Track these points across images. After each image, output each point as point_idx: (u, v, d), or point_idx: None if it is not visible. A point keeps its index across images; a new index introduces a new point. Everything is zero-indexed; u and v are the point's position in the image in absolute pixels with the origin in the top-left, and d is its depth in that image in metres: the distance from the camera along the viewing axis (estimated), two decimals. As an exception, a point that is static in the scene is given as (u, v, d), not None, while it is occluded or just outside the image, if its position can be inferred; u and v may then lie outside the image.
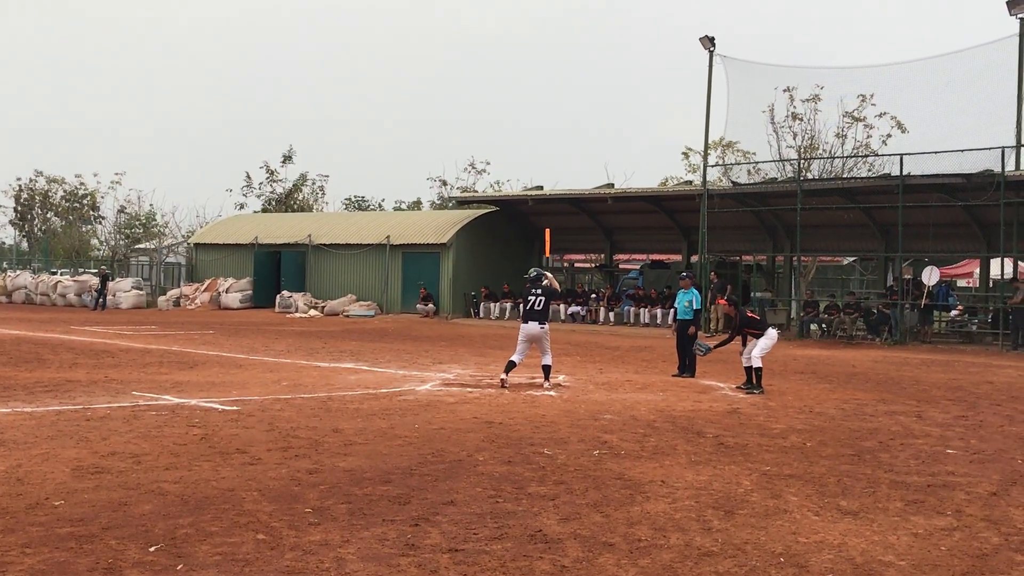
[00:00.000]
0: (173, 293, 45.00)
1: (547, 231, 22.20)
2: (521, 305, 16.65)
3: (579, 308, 37.27)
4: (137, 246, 59.02)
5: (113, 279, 45.50)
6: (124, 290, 44.24)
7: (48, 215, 63.23)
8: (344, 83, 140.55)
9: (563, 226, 43.02)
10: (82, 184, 62.01)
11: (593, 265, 50.06)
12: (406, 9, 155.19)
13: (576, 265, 51.88)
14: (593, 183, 44.46)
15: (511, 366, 16.05)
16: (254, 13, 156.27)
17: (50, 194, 62.61)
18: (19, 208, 62.60)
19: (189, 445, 9.96)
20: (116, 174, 61.50)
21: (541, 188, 43.63)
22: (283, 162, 60.79)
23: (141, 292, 45.25)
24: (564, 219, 42.25)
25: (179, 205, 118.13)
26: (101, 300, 41.78)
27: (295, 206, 60.52)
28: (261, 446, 10.01)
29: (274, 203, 60.75)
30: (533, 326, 15.98)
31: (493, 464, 9.43)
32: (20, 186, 62.19)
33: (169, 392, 13.99)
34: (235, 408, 12.64)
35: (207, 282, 44.71)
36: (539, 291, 16.10)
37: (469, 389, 15.39)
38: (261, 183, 61.15)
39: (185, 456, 9.39)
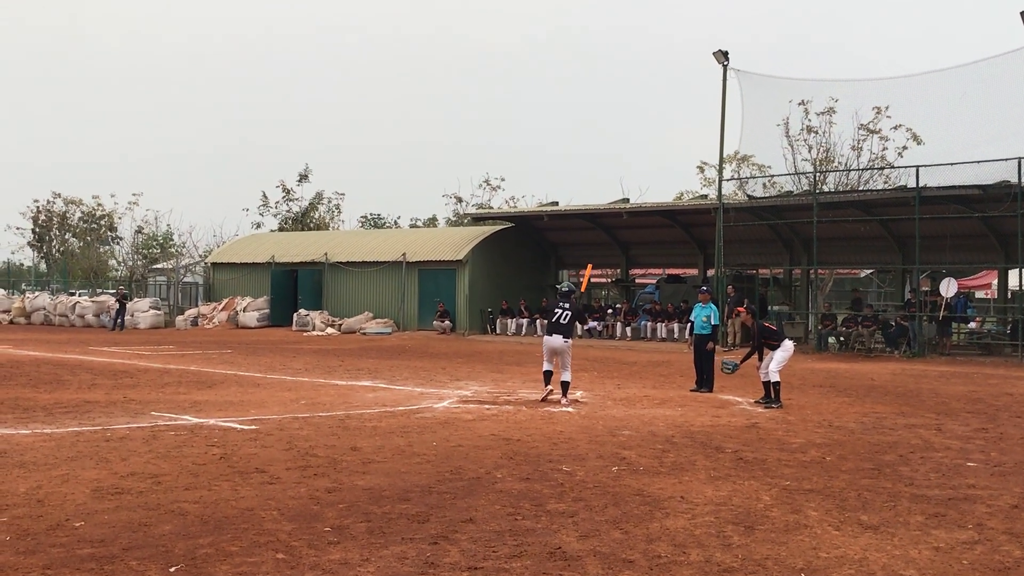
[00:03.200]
0: (191, 313, 45.14)
1: (589, 267, 22.39)
2: (546, 318, 16.59)
3: (596, 323, 37.22)
4: (155, 266, 59.24)
5: (131, 299, 45.68)
6: (142, 310, 44.42)
7: (66, 236, 63.54)
8: (359, 102, 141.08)
9: (578, 241, 43.12)
10: (99, 205, 62.36)
11: (609, 280, 50.02)
12: (421, 27, 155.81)
13: (592, 280, 51.85)
14: (608, 198, 44.44)
15: (549, 376, 16.16)
16: (270, 33, 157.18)
17: (68, 215, 62.93)
18: (37, 230, 62.92)
19: (208, 465, 9.99)
20: (133, 195, 62.06)
21: (556, 204, 43.64)
22: (299, 181, 61.06)
23: (159, 312, 45.43)
24: (579, 234, 42.30)
25: (196, 225, 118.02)
26: (120, 320, 41.95)
27: (311, 224, 60.71)
28: (280, 465, 10.03)
29: (290, 222, 60.95)
30: (557, 339, 15.98)
31: (512, 481, 9.42)
32: (38, 208, 62.57)
33: (188, 412, 14.03)
34: (254, 427, 12.66)
35: (225, 301, 44.84)
36: (567, 305, 16.16)
37: (487, 406, 15.39)
38: (277, 202, 61.42)
39: (204, 476, 9.41)
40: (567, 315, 16.07)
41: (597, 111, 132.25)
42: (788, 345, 16.22)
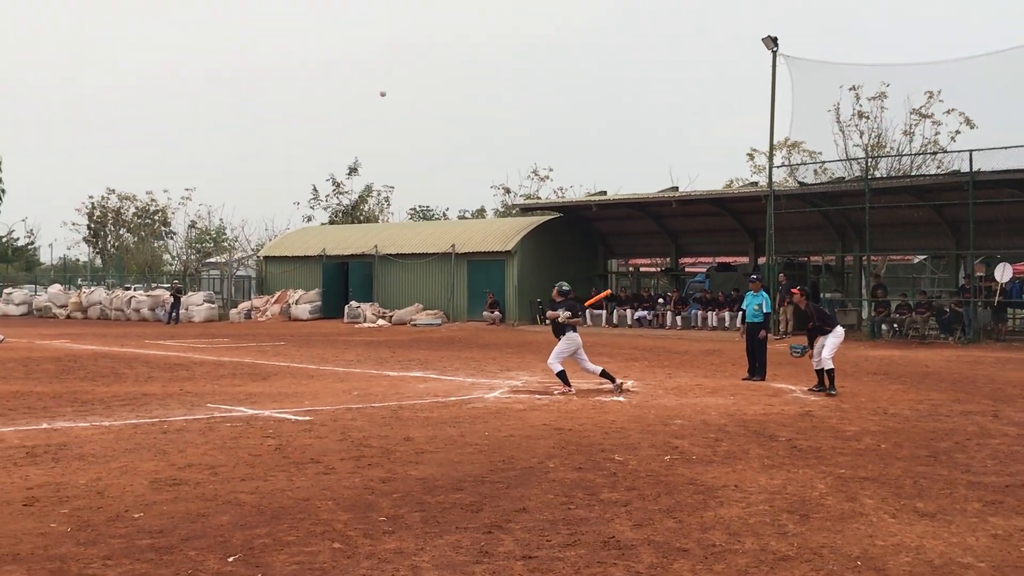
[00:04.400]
0: (244, 306, 45.59)
1: (607, 292, 22.66)
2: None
3: (646, 313, 37.12)
4: (208, 260, 59.87)
5: (185, 293, 46.20)
6: (196, 304, 44.91)
7: (121, 232, 64.31)
8: (407, 94, 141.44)
9: (627, 231, 42.99)
10: (153, 200, 63.08)
11: (659, 269, 49.84)
12: (467, 17, 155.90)
13: (642, 270, 51.71)
14: (657, 187, 44.27)
15: (563, 375, 16.04)
16: (318, 25, 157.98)
17: (122, 211, 63.69)
18: (92, 225, 63.72)
19: (264, 456, 10.10)
20: (186, 190, 62.72)
21: (604, 193, 43.51)
22: (349, 174, 61.43)
23: (213, 305, 45.90)
24: (628, 223, 42.16)
25: (248, 219, 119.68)
26: (174, 314, 42.45)
27: (361, 217, 61.06)
28: (334, 456, 10.13)
29: (341, 215, 61.34)
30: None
31: (564, 471, 9.44)
32: (93, 204, 63.36)
33: (243, 404, 14.19)
34: (308, 418, 12.79)
35: (277, 294, 45.23)
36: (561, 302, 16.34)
37: (538, 396, 15.41)
38: (328, 195, 61.87)
39: (260, 467, 9.52)
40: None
41: (644, 99, 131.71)
42: (839, 331, 16.09)
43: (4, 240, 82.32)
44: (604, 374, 16.07)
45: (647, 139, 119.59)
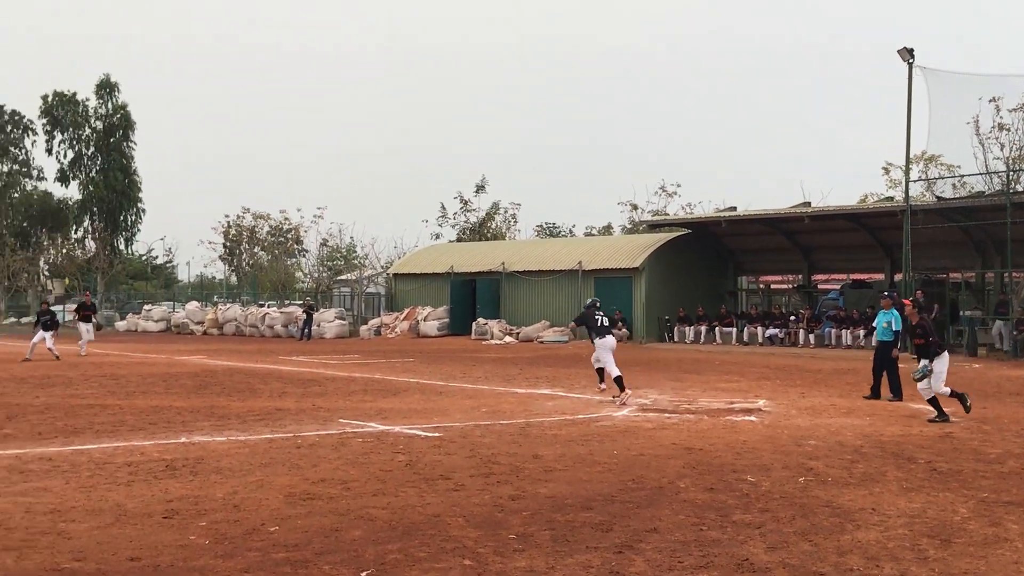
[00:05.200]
0: (374, 322, 46.30)
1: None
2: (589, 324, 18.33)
3: (777, 331, 36.49)
4: (339, 277, 60.95)
5: (317, 310, 47.12)
6: (328, 320, 45.80)
7: (255, 250, 65.91)
8: (534, 111, 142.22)
9: (758, 247, 42.36)
10: (286, 219, 64.49)
11: (791, 286, 48.94)
12: (589, 33, 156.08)
13: (772, 287, 50.87)
14: (787, 203, 43.54)
15: (620, 380, 17.14)
16: (446, 44, 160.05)
17: (256, 230, 65.31)
18: (228, 244, 65.44)
19: (395, 471, 10.20)
20: (318, 208, 64.07)
21: (734, 209, 42.96)
22: (476, 192, 62.04)
23: (344, 322, 46.75)
24: (758, 240, 41.55)
25: (378, 237, 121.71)
26: (307, 331, 43.34)
27: (488, 235, 61.49)
28: (464, 472, 10.17)
29: (468, 232, 61.89)
30: (611, 339, 17.81)
31: (695, 491, 9.30)
32: (228, 223, 65.12)
33: (374, 419, 14.37)
34: (437, 435, 12.88)
35: (406, 311, 45.82)
36: (602, 312, 18.38)
37: (667, 415, 15.25)
38: (455, 213, 62.55)
39: (391, 482, 9.61)
40: (606, 319, 18.36)
41: (773, 112, 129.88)
42: (946, 356, 15.07)
43: (144, 258, 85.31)
44: (610, 379, 17.40)
45: (777, 154, 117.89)
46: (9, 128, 75.34)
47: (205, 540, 7.42)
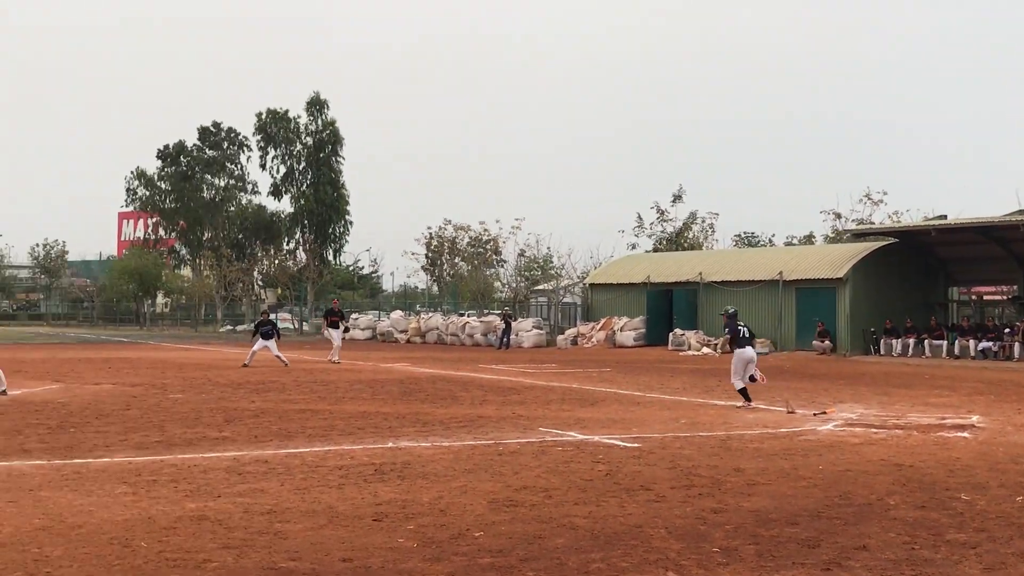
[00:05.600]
0: (571, 332, 46.53)
1: None
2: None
3: (990, 344, 34.87)
4: (536, 287, 61.50)
5: (516, 319, 47.69)
6: (525, 330, 46.30)
7: (455, 260, 67.20)
8: (733, 119, 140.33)
9: (970, 256, 40.58)
10: (485, 230, 65.51)
11: (1005, 297, 46.65)
12: (793, 39, 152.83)
13: (985, 298, 48.58)
14: (1002, 210, 41.55)
15: (744, 392, 17.95)
16: (634, 52, 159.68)
17: (457, 241, 66.57)
18: (430, 255, 66.94)
19: (595, 481, 10.25)
20: (516, 219, 64.49)
21: (944, 217, 41.29)
22: (673, 202, 61.52)
23: (541, 331, 47.14)
24: (970, 249, 39.78)
25: (574, 247, 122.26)
26: (506, 340, 43.94)
27: (685, 244, 60.94)
28: (664, 483, 10.13)
29: (664, 242, 61.49)
30: (750, 351, 18.39)
31: (905, 509, 9.01)
32: (431, 234, 66.64)
33: (573, 428, 14.46)
34: (636, 445, 12.86)
35: (602, 321, 45.85)
36: (743, 324, 18.83)
37: (874, 430, 14.79)
38: (652, 223, 62.19)
39: (592, 491, 9.66)
40: (748, 331, 18.76)
41: (988, 117, 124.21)
42: None
43: (351, 269, 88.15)
44: (742, 392, 17.99)
45: (989, 161, 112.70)
46: (226, 145, 79.12)
47: (413, 543, 7.63)
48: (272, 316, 31.77)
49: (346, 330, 34.36)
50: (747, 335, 18.56)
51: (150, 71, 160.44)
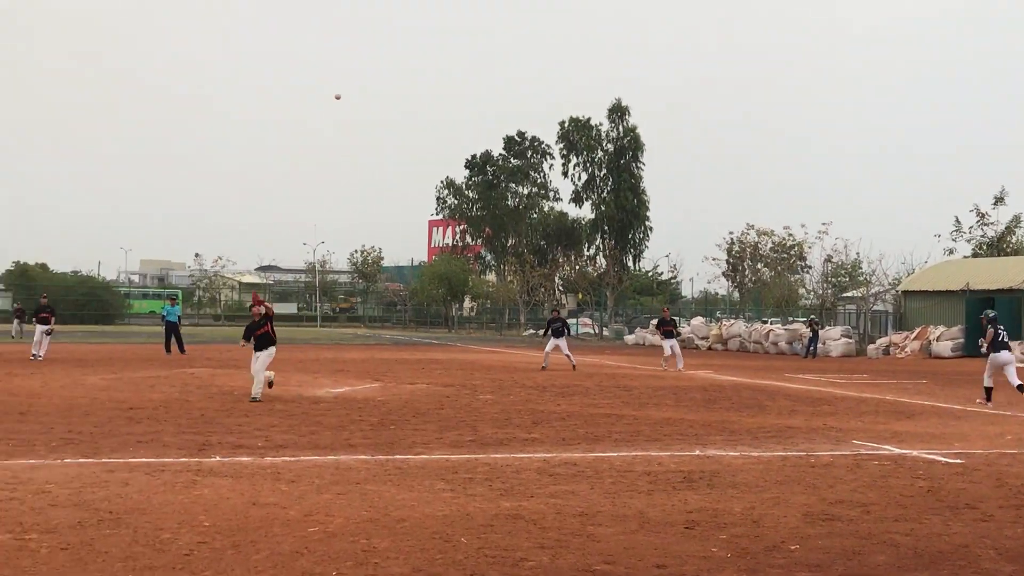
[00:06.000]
0: (882, 341, 44.73)
1: None
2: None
3: None
4: (844, 294, 59.55)
5: (822, 327, 46.35)
6: (833, 338, 44.92)
7: (758, 266, 66.09)
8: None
9: None
10: (790, 235, 64.12)
11: None
12: None
13: None
14: None
15: (988, 391, 19.29)
16: (976, 56, 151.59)
17: (759, 246, 65.45)
18: (731, 260, 66.17)
19: (915, 497, 9.81)
20: (823, 224, 62.64)
21: None
22: (994, 204, 57.98)
23: (850, 340, 45.60)
24: None
25: (885, 253, 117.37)
26: (812, 348, 42.76)
27: (1008, 250, 57.28)
28: (991, 502, 9.56)
29: (985, 247, 58.05)
30: (1006, 354, 19.04)
31: None
32: (732, 239, 65.83)
33: (888, 442, 13.89)
34: (959, 461, 12.22)
35: (916, 330, 43.80)
36: (1003, 328, 19.32)
37: None
38: (971, 227, 58.85)
39: (913, 508, 9.25)
40: (1006, 335, 19.39)
41: None
42: None
43: (650, 275, 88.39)
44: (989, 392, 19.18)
45: None
46: (530, 154, 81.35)
47: (727, 553, 7.55)
48: (573, 320, 32.35)
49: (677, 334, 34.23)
50: (1004, 339, 19.23)
51: (459, 84, 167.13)
